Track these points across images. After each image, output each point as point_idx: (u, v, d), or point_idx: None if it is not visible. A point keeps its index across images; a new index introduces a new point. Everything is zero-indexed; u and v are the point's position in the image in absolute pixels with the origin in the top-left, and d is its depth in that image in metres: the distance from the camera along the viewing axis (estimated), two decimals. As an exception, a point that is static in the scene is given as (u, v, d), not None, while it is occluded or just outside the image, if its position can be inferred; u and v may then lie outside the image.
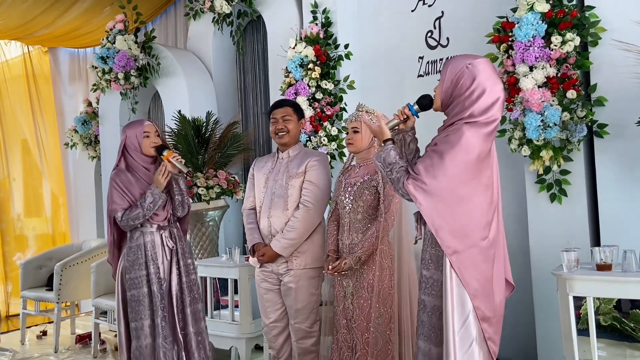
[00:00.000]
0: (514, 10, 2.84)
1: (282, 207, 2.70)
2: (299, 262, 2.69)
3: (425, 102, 1.94)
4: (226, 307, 3.48)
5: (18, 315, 5.02)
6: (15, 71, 6.53)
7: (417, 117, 1.99)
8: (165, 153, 2.68)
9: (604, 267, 2.26)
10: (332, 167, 3.69)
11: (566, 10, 2.70)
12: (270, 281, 2.76)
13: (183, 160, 2.70)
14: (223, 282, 3.50)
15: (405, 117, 1.97)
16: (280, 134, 2.76)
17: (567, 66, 2.67)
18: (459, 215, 1.79)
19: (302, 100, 3.67)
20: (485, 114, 1.77)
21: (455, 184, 1.77)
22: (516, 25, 2.77)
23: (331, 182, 2.81)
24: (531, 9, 2.73)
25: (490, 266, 1.84)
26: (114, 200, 2.71)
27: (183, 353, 2.74)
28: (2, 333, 4.84)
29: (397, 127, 2.01)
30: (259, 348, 3.53)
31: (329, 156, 3.67)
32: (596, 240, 2.74)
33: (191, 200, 2.92)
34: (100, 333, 4.28)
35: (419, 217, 1.96)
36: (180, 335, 2.74)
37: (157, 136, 2.77)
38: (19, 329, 4.84)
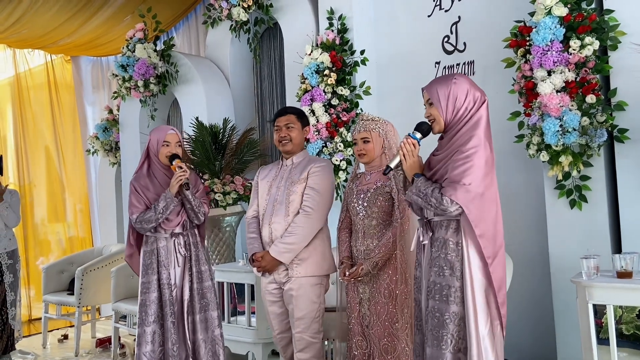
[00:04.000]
0: (532, 14, 2.82)
1: (284, 213, 2.65)
2: (299, 270, 2.63)
3: (426, 128, 1.99)
4: (243, 312, 3.49)
5: (40, 319, 5.11)
6: (38, 79, 6.68)
7: (419, 143, 2.02)
8: (174, 162, 2.77)
9: (624, 275, 2.22)
10: (347, 173, 3.69)
11: (585, 14, 2.67)
12: (273, 292, 2.72)
13: (186, 173, 2.74)
14: (240, 287, 3.52)
15: (413, 145, 2.01)
16: (283, 141, 2.73)
17: (586, 70, 2.64)
18: (491, 215, 1.88)
19: (318, 107, 3.68)
20: (482, 115, 1.92)
21: (485, 182, 1.86)
22: (534, 29, 2.75)
23: (334, 189, 2.78)
24: (549, 13, 2.71)
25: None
26: (132, 204, 2.82)
27: (192, 359, 2.76)
28: (24, 336, 4.92)
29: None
30: (275, 353, 3.53)
31: (344, 162, 3.67)
32: (617, 247, 2.69)
33: (205, 209, 2.91)
34: (119, 337, 4.33)
35: (425, 223, 2.00)
36: (189, 342, 2.76)
37: (178, 146, 2.85)
38: (40, 333, 4.92)
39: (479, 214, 1.83)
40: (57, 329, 5.26)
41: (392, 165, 2.03)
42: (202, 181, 3.63)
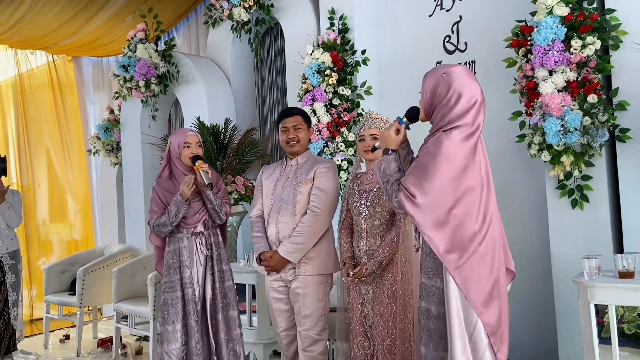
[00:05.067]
0: (533, 14, 2.81)
1: (290, 213, 2.68)
2: (307, 268, 2.66)
3: (413, 113, 1.98)
4: (244, 312, 3.49)
5: (42, 319, 5.12)
6: (41, 79, 6.69)
7: (408, 129, 2.00)
8: (197, 163, 2.81)
9: (626, 275, 2.21)
10: (348, 173, 3.69)
11: (586, 13, 2.66)
12: (279, 290, 2.74)
13: (209, 172, 2.80)
14: (241, 287, 3.52)
15: (397, 130, 1.98)
16: (291, 142, 2.76)
17: (587, 70, 2.64)
18: (453, 228, 1.79)
19: (319, 107, 3.68)
20: (462, 119, 1.80)
21: (443, 194, 1.77)
22: (535, 29, 2.74)
23: (339, 190, 2.79)
24: (550, 12, 2.70)
25: (488, 267, 1.82)
26: (151, 209, 2.88)
27: (215, 357, 2.78)
28: (26, 337, 4.93)
29: None
30: (277, 354, 3.53)
31: (346, 162, 3.67)
32: (619, 247, 2.69)
33: (227, 209, 2.94)
34: (121, 337, 4.34)
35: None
36: (212, 341, 2.79)
37: (198, 147, 2.91)
38: (42, 333, 4.93)
39: (425, 223, 1.77)
40: (59, 329, 5.27)
41: (377, 144, 2.05)
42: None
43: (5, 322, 4.10)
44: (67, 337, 4.97)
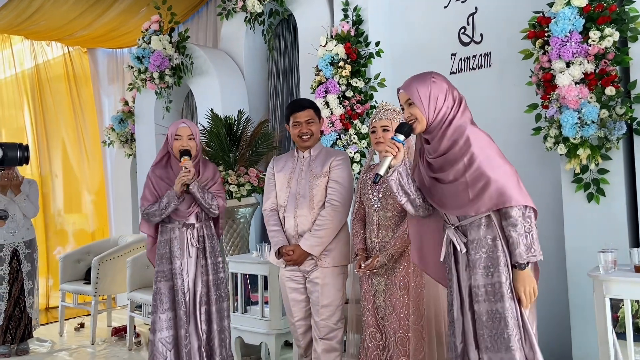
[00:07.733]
0: (550, 5, 2.78)
1: (309, 206, 2.68)
2: (327, 260, 2.67)
3: (407, 129, 1.96)
4: (256, 303, 3.51)
5: (57, 307, 5.20)
6: (57, 71, 6.75)
7: (404, 145, 1.98)
8: (182, 160, 2.80)
9: (642, 269, 2.19)
10: (361, 165, 3.68)
11: (605, 4, 2.62)
12: (295, 280, 2.75)
13: (191, 171, 2.76)
14: (253, 278, 3.54)
15: (397, 150, 1.94)
16: (304, 137, 2.74)
17: (605, 62, 2.60)
18: None
19: (332, 99, 3.67)
20: (463, 115, 1.93)
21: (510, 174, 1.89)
22: (552, 20, 2.71)
23: (354, 181, 2.79)
24: (568, 3, 2.67)
25: None
26: (143, 195, 2.91)
27: (203, 350, 2.81)
28: (41, 325, 5.01)
29: (390, 166, 1.96)
30: (288, 344, 3.55)
31: (359, 154, 3.67)
32: (635, 241, 2.66)
33: (219, 202, 2.94)
34: (135, 326, 4.39)
35: (455, 229, 1.97)
36: (201, 331, 2.81)
37: (190, 139, 2.88)
38: (57, 321, 5.01)
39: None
40: (74, 318, 5.34)
41: (382, 172, 1.94)
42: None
43: (21, 310, 4.17)
44: (82, 325, 5.05)
